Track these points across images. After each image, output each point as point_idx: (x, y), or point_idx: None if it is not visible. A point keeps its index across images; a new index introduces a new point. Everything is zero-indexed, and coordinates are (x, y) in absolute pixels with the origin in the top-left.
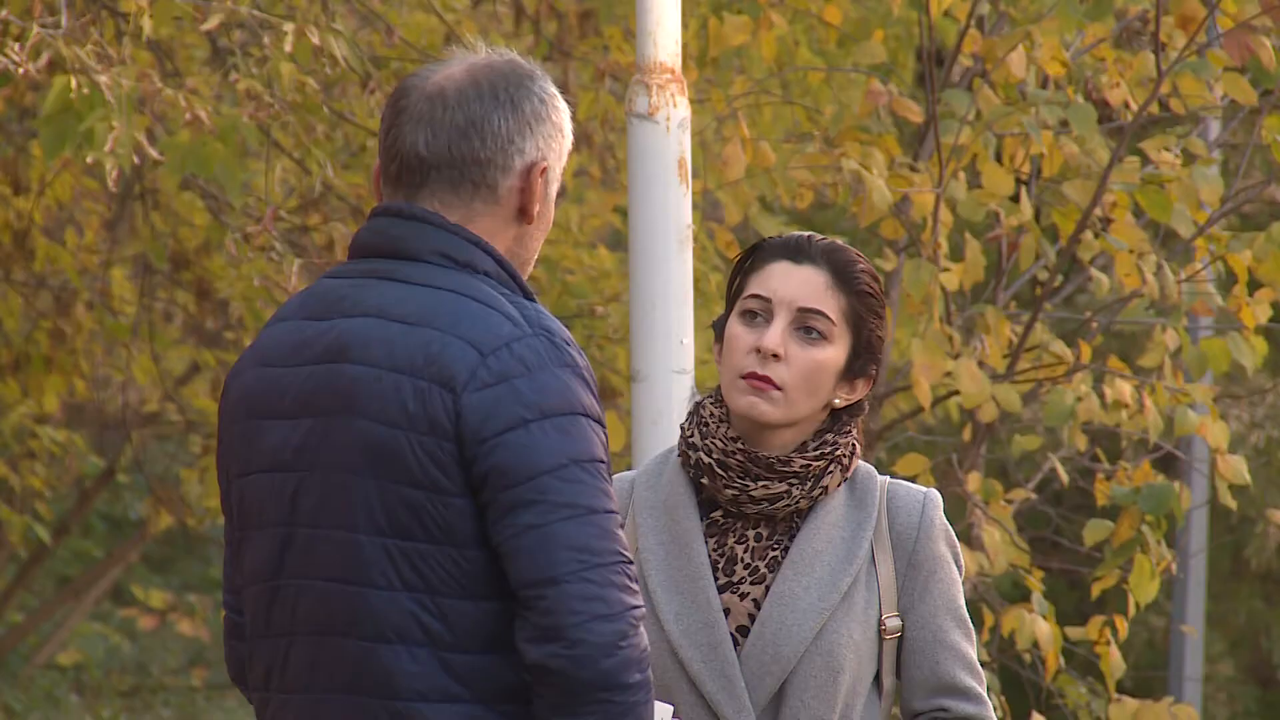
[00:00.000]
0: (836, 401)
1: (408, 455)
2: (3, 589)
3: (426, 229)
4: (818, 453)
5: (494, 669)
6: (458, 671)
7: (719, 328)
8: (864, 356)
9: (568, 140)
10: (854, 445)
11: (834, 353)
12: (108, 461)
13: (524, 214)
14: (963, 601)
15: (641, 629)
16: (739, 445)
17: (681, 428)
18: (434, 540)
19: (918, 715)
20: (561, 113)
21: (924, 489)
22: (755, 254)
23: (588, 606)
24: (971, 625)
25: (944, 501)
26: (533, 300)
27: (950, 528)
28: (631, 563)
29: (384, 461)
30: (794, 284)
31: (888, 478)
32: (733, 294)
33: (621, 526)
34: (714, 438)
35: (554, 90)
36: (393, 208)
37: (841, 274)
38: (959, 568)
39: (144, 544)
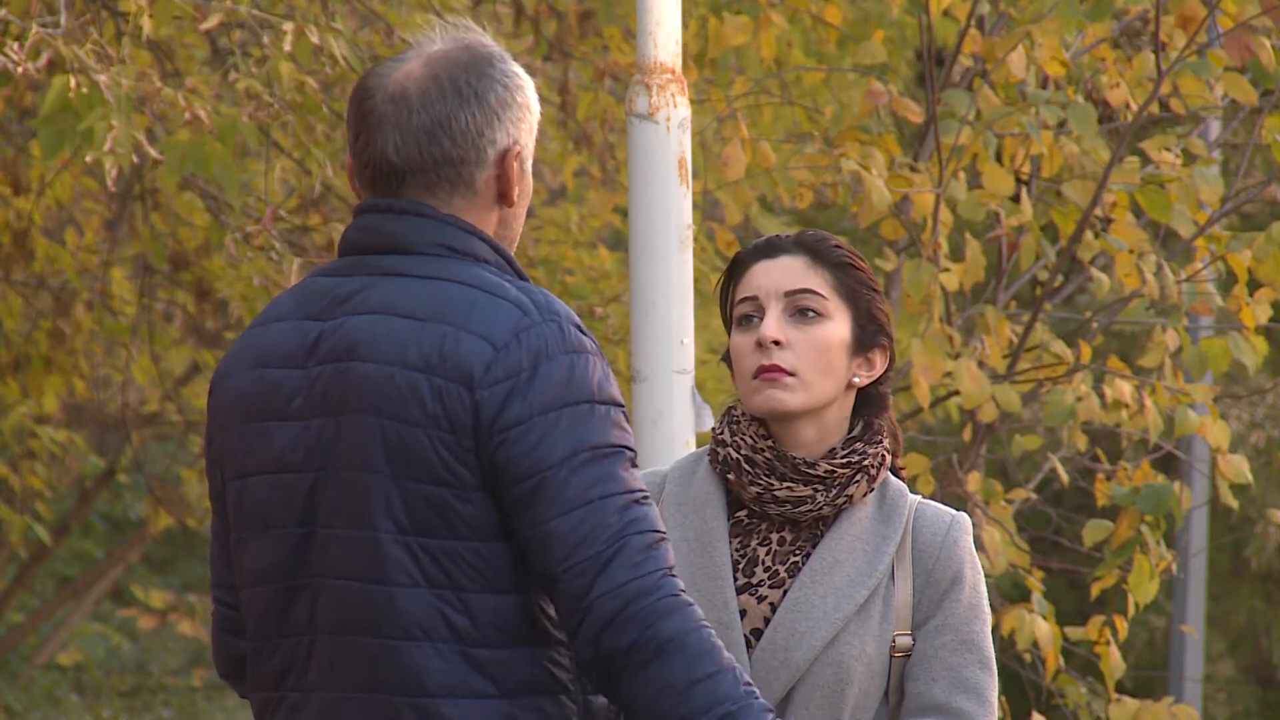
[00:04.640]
0: (856, 379)
1: (429, 453)
2: (3, 589)
3: (421, 221)
4: (845, 460)
5: (517, 663)
6: (483, 666)
7: (729, 359)
8: (869, 327)
9: (535, 114)
10: (883, 456)
11: (836, 327)
12: (108, 461)
13: (504, 199)
14: (981, 629)
15: (654, 584)
16: (768, 443)
17: (713, 427)
18: (459, 536)
19: None
20: (525, 90)
21: (954, 511)
22: (734, 267)
23: (583, 603)
24: (986, 654)
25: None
26: (527, 281)
27: (977, 556)
28: (646, 530)
29: (404, 459)
30: (775, 274)
31: (919, 497)
32: (727, 312)
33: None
34: (744, 434)
35: (515, 68)
36: (381, 204)
37: (816, 252)
38: (983, 598)
39: (144, 544)
